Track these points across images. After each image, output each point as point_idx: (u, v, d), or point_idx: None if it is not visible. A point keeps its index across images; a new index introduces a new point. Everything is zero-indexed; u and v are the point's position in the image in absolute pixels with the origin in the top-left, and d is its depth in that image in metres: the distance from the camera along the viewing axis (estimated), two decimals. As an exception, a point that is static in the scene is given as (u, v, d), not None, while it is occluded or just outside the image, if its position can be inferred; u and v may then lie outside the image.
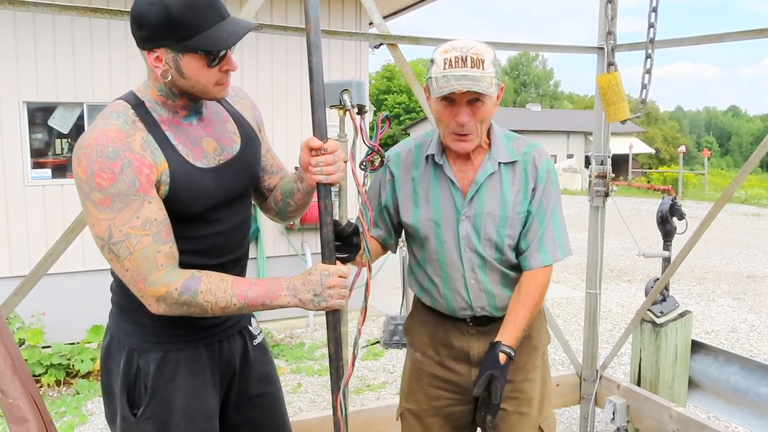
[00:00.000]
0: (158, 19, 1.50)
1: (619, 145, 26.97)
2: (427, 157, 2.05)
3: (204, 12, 1.52)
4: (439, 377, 2.19)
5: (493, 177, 2.00)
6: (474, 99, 1.85)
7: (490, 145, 2.02)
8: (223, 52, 1.57)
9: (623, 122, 3.37)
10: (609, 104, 3.36)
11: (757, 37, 3.06)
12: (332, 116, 1.75)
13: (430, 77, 1.88)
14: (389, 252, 2.26)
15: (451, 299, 2.10)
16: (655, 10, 3.24)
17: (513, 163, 2.02)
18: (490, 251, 2.02)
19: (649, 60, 3.31)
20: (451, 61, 1.82)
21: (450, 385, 2.18)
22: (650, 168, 34.80)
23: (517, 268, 2.08)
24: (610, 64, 3.47)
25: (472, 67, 1.80)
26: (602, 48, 3.59)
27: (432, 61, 1.88)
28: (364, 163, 1.81)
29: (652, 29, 3.27)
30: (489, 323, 2.12)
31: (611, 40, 3.48)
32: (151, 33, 1.53)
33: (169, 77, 1.58)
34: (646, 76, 3.33)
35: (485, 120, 1.91)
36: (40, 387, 5.15)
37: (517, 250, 2.05)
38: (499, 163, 2.00)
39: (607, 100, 3.36)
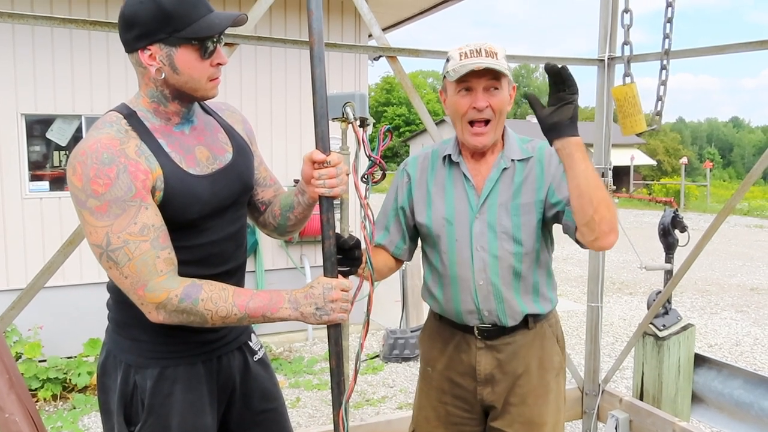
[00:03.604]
0: (151, 14, 1.54)
1: (621, 157, 27.02)
2: (444, 158, 2.10)
3: (193, 5, 1.57)
4: (447, 392, 2.17)
5: (506, 173, 2.04)
6: (491, 87, 1.93)
7: (504, 145, 2.08)
8: (213, 46, 1.60)
9: (639, 134, 3.36)
10: (625, 116, 3.34)
11: (759, 49, 3.06)
12: (332, 129, 1.74)
13: (447, 71, 1.97)
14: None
15: (459, 301, 2.08)
16: (670, 20, 3.23)
17: (527, 159, 2.06)
18: (507, 245, 2.01)
19: (664, 71, 3.30)
20: (466, 53, 1.93)
21: (458, 401, 2.16)
22: (652, 180, 34.83)
23: (536, 270, 2.06)
24: (626, 75, 3.45)
25: (486, 57, 1.90)
26: (602, 60, 3.58)
27: (448, 59, 1.98)
28: (365, 176, 1.80)
29: (667, 40, 3.27)
30: (497, 337, 2.10)
31: (627, 50, 3.46)
32: (145, 29, 1.55)
33: (163, 75, 1.59)
34: (662, 87, 3.32)
35: (501, 110, 1.97)
36: (37, 401, 5.10)
37: (561, 215, 1.96)
38: (513, 160, 2.05)
39: (623, 112, 3.34)
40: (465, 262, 2.04)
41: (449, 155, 2.09)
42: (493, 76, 1.91)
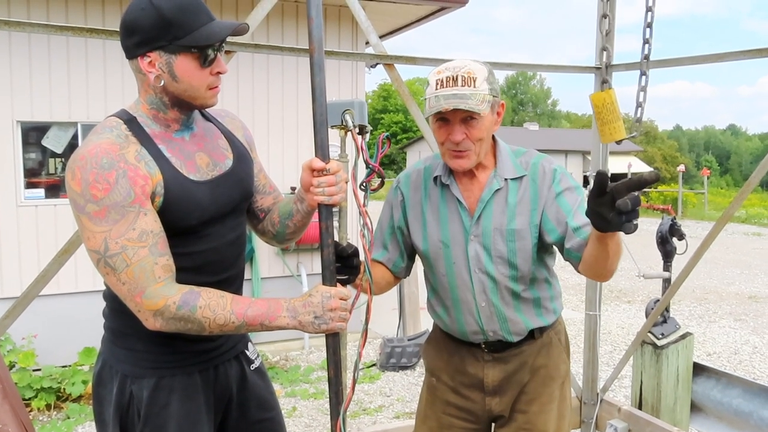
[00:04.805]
0: (152, 21, 1.54)
1: (618, 165, 27.02)
2: (435, 178, 2.04)
3: (194, 13, 1.57)
4: (452, 404, 2.16)
5: (499, 193, 1.97)
6: (467, 117, 1.85)
7: (496, 162, 2.00)
8: (213, 55, 1.60)
9: (618, 142, 3.27)
10: (603, 123, 3.26)
11: (756, 57, 3.06)
12: (331, 136, 1.73)
13: (425, 99, 1.89)
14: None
15: (463, 322, 2.06)
16: (650, 25, 3.20)
17: (520, 177, 1.99)
18: (503, 269, 1.98)
19: (644, 77, 3.26)
20: (442, 81, 1.83)
21: (463, 413, 2.15)
22: (649, 187, 34.90)
23: (534, 287, 2.04)
24: (604, 81, 3.42)
25: (462, 86, 1.81)
26: (599, 68, 3.58)
27: (428, 82, 1.90)
28: (364, 184, 1.79)
29: (647, 45, 3.23)
30: (504, 349, 2.09)
31: (606, 56, 3.44)
32: (145, 36, 1.55)
33: (162, 82, 1.58)
34: (641, 93, 3.27)
35: (482, 138, 1.89)
36: (30, 411, 5.06)
37: (560, 248, 1.93)
38: (506, 179, 1.98)
39: (601, 119, 3.26)
40: (465, 285, 2.01)
41: (440, 176, 2.02)
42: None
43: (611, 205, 1.44)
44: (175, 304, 1.53)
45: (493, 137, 2.01)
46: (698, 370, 3.83)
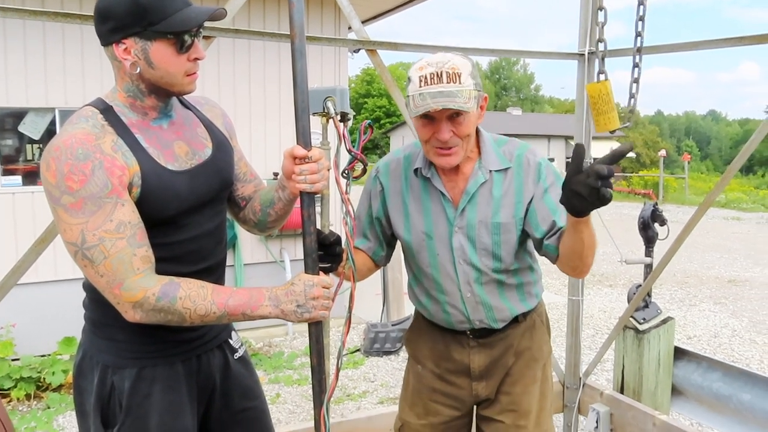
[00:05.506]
0: (126, 7, 1.51)
1: (600, 150, 27.13)
2: (415, 170, 2.01)
3: None
4: (438, 391, 2.17)
5: (484, 186, 1.95)
6: (454, 114, 1.80)
7: (480, 153, 1.97)
8: (190, 40, 1.57)
9: (612, 132, 3.32)
10: (599, 114, 3.30)
11: (737, 45, 3.07)
12: (313, 123, 1.71)
13: (408, 96, 1.83)
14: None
15: (449, 313, 2.07)
16: (642, 18, 3.22)
17: (505, 170, 1.96)
18: (486, 260, 1.97)
19: (636, 69, 3.29)
20: (426, 78, 1.76)
21: (450, 399, 2.16)
22: (631, 172, 35.11)
23: (518, 275, 2.04)
24: (600, 72, 3.43)
25: (448, 82, 1.74)
26: (582, 54, 3.57)
27: (409, 78, 1.82)
28: (346, 171, 1.77)
29: (639, 38, 3.25)
30: (490, 335, 2.10)
31: (601, 47, 3.45)
32: (119, 23, 1.52)
33: (138, 69, 1.56)
34: (634, 85, 3.31)
35: (470, 134, 1.86)
36: (9, 401, 5.02)
37: (539, 242, 1.93)
38: (491, 170, 1.95)
39: (597, 109, 3.30)
40: (449, 276, 2.01)
41: (420, 168, 1.98)
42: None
43: (586, 183, 1.48)
44: (155, 296, 1.51)
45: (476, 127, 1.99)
46: (679, 354, 3.87)
